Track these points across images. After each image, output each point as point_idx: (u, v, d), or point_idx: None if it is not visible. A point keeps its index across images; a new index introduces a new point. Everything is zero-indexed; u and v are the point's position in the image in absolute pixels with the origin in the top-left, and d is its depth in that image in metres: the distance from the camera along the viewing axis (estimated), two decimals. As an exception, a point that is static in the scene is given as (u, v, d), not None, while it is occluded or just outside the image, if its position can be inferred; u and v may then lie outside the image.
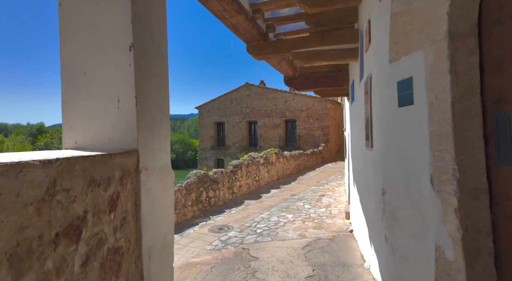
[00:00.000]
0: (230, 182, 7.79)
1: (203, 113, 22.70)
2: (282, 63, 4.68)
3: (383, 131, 1.84)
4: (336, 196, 7.94)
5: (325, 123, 18.35)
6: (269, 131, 20.10)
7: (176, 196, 5.89)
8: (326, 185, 9.61)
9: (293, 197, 8.02)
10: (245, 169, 8.64)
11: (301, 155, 13.61)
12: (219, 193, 7.27)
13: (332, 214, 6.10)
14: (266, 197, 8.10)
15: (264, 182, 9.80)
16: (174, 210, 1.95)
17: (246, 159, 9.07)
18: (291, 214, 6.30)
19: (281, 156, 11.33)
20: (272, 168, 10.46)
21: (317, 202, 7.25)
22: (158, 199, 1.71)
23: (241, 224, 5.71)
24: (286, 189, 9.11)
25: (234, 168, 8.22)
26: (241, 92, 21.11)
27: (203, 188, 6.75)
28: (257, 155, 9.80)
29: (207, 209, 6.80)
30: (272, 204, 7.30)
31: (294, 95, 19.23)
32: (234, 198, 7.87)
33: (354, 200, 4.69)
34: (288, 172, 12.02)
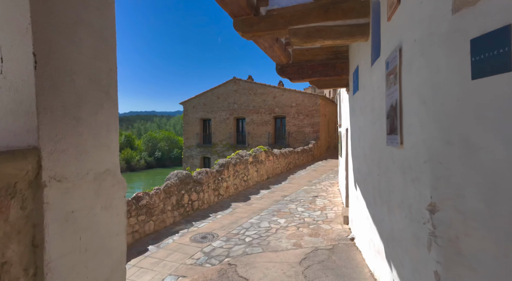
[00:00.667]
0: (215, 183, 7.14)
1: (188, 109, 21.81)
2: (274, 46, 4.07)
3: (436, 120, 1.27)
4: (330, 197, 7.44)
5: (315, 120, 17.93)
6: (258, 128, 19.51)
7: (153, 201, 5.20)
8: (318, 185, 9.12)
9: (285, 198, 7.47)
10: (233, 168, 8.01)
11: (291, 153, 13.10)
12: (203, 196, 6.61)
13: (328, 218, 5.58)
14: (256, 199, 7.51)
15: (253, 182, 9.21)
16: (125, 235, 1.29)
17: (233, 158, 8.43)
18: (283, 218, 5.73)
19: (271, 154, 10.76)
20: (261, 167, 9.87)
21: (311, 204, 6.72)
22: (90, 227, 1.07)
23: (228, 231, 5.09)
24: (277, 190, 8.55)
25: (221, 167, 7.57)
26: (228, 87, 20.37)
27: (185, 191, 6.08)
28: (245, 153, 9.18)
29: (189, 214, 6.14)
30: (262, 206, 6.71)
31: (284, 90, 18.69)
32: (220, 201, 7.23)
33: (356, 204, 4.17)
34: (278, 171, 11.48)
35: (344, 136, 6.22)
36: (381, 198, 2.43)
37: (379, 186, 2.48)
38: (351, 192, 4.77)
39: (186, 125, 21.80)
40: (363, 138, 3.42)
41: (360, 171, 3.67)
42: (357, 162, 3.96)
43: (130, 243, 4.65)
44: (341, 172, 7.23)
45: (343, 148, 6.26)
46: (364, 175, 3.41)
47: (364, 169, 3.40)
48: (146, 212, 5.07)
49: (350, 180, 4.79)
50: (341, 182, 6.99)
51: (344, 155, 6.31)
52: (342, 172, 6.61)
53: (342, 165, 6.69)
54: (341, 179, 6.96)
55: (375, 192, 2.64)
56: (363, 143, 3.36)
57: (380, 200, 2.46)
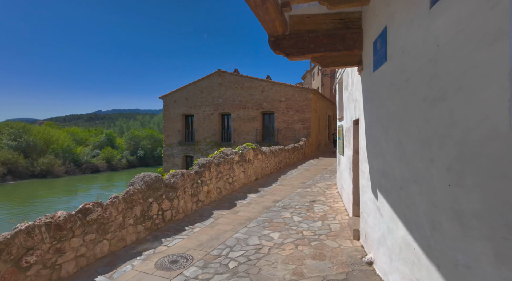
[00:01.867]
0: (194, 188, 6.00)
1: (168, 103, 20.37)
2: (267, 3, 2.97)
3: None
4: (330, 202, 6.46)
5: (306, 115, 17.02)
6: (245, 124, 18.40)
7: (108, 214, 4.01)
8: (314, 187, 8.14)
9: (277, 204, 6.43)
10: (215, 169, 6.88)
11: (282, 151, 12.10)
12: (178, 204, 5.46)
13: (333, 232, 4.58)
14: (242, 205, 6.43)
15: (240, 184, 8.12)
16: None
17: (216, 156, 7.30)
18: (277, 232, 4.68)
19: (259, 153, 9.70)
20: (249, 167, 8.79)
21: (309, 212, 5.71)
22: None
23: (206, 252, 3.98)
24: (267, 193, 7.50)
25: (201, 168, 6.43)
26: (212, 80, 19.10)
27: (153, 198, 4.91)
28: (230, 151, 8.07)
29: (159, 227, 4.98)
30: (251, 215, 5.64)
31: (272, 84, 17.64)
32: (199, 209, 6.10)
33: (377, 218, 3.17)
34: (268, 171, 10.44)
35: (349, 130, 5.24)
36: (470, 227, 1.40)
37: (461, 205, 1.45)
38: (365, 200, 3.78)
39: (167, 121, 20.38)
40: (397, 129, 2.40)
41: (389, 175, 2.66)
42: (381, 162, 2.95)
43: (71, 274, 3.46)
44: (343, 174, 6.26)
45: (349, 144, 5.27)
46: (398, 181, 2.40)
47: (398, 173, 2.38)
48: (98, 229, 3.88)
49: (364, 185, 3.80)
50: (344, 185, 6.02)
51: (349, 153, 5.33)
52: (346, 174, 5.63)
53: (346, 165, 5.71)
54: (344, 181, 5.99)
55: (446, 214, 1.62)
56: (400, 135, 2.33)
57: (468, 231, 1.43)
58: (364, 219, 3.83)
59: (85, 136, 55.82)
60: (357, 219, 4.63)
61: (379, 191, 3.08)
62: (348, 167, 5.48)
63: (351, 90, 4.96)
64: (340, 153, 6.90)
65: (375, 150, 3.21)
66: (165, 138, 20.37)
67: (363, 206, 3.92)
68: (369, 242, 3.58)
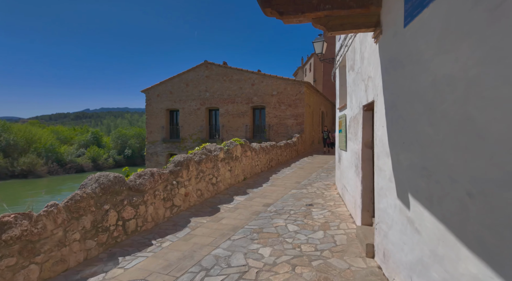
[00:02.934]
0: (168, 190, 5.01)
1: (151, 97, 19.17)
2: None
3: None
4: (330, 206, 5.58)
5: (299, 110, 16.15)
6: (234, 120, 17.41)
7: (39, 228, 3.00)
8: (310, 188, 7.26)
9: (268, 208, 5.50)
10: (195, 167, 5.90)
11: (274, 147, 11.19)
12: (145, 210, 4.47)
13: (338, 245, 3.68)
14: (227, 210, 5.48)
15: (225, 185, 7.16)
16: None
17: (197, 153, 6.32)
18: (268, 246, 3.75)
19: (248, 149, 8.75)
20: (236, 165, 7.84)
21: (306, 219, 4.81)
22: None
23: (174, 278, 3.02)
24: (257, 195, 6.57)
25: (177, 166, 5.44)
26: (199, 73, 18.01)
27: (111, 205, 3.91)
28: (214, 147, 7.10)
29: (119, 241, 3.98)
30: (236, 223, 4.70)
31: (263, 76, 16.69)
32: (174, 215, 5.12)
33: (409, 235, 2.27)
34: (258, 169, 9.51)
35: (356, 119, 4.35)
36: None
37: None
38: (384, 208, 2.88)
39: (150, 117, 19.19)
40: (464, 98, 1.50)
41: (437, 174, 1.76)
42: (419, 156, 2.05)
43: (-29, 320, 2.44)
44: (346, 172, 5.39)
45: (355, 136, 4.39)
46: (462, 184, 1.50)
47: (463, 171, 1.48)
48: (22, 250, 2.87)
49: (383, 186, 2.90)
50: (347, 186, 5.14)
51: (355, 147, 4.45)
52: (351, 173, 4.75)
53: (350, 162, 4.83)
54: (348, 182, 5.11)
55: None
56: (474, 108, 1.43)
57: None
58: (382, 232, 2.94)
59: (70, 135, 55.46)
60: (368, 229, 3.75)
61: (413, 197, 2.18)
62: (353, 164, 4.60)
63: (359, 69, 4.06)
64: (341, 148, 6.03)
65: (405, 139, 2.31)
66: (147, 135, 19.19)
67: (380, 214, 3.03)
68: (391, 264, 2.69)
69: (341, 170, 6.09)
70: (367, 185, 3.95)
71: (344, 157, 5.62)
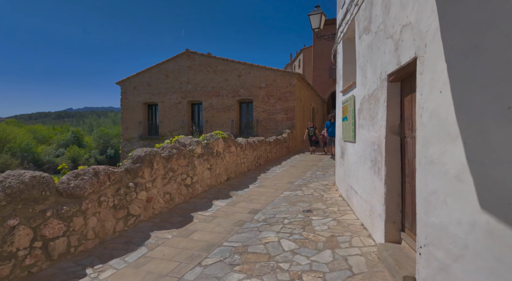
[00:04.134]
0: (121, 195, 3.80)
1: (127, 90, 17.67)
2: None
3: None
4: (333, 212, 4.50)
5: (290, 104, 15.11)
6: (218, 114, 16.18)
7: None
8: (306, 189, 6.18)
9: (255, 216, 4.38)
10: (163, 164, 4.71)
11: (262, 143, 10.08)
12: (83, 224, 3.25)
13: (356, 274, 2.58)
14: (202, 219, 4.31)
15: (204, 187, 5.98)
16: None
17: (166, 147, 5.12)
18: (254, 277, 2.62)
19: (233, 144, 7.60)
20: (218, 163, 6.67)
21: (306, 231, 3.70)
22: None
23: None
24: (242, 199, 5.43)
25: (136, 163, 4.23)
26: (180, 63, 16.67)
27: (23, 219, 2.69)
28: (190, 140, 5.91)
29: (34, 271, 2.76)
30: (212, 238, 3.54)
31: (251, 67, 15.54)
32: (130, 228, 3.91)
33: (495, 269, 1.18)
34: (244, 168, 8.37)
35: (374, 97, 3.28)
36: None
37: None
38: (444, 224, 1.80)
39: (125, 112, 17.69)
40: None
41: None
42: None
43: None
44: (355, 170, 4.31)
45: (372, 121, 3.31)
46: None
47: None
48: None
49: (441, 190, 1.82)
50: (356, 187, 4.06)
51: (372, 135, 3.38)
52: (365, 169, 3.67)
53: (364, 156, 3.75)
54: (357, 182, 4.03)
55: None
56: None
57: None
58: (436, 262, 1.87)
59: (49, 134, 55.38)
60: (399, 249, 2.68)
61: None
62: (368, 159, 3.52)
63: (382, 24, 2.97)
64: (346, 140, 4.96)
65: None
66: (123, 132, 17.70)
67: (431, 233, 1.94)
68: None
69: (346, 168, 5.03)
70: (393, 186, 2.88)
71: (351, 151, 4.55)
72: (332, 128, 10.97)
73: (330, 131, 11.19)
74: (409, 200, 2.70)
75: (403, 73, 2.57)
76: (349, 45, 5.13)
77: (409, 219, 2.70)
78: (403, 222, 2.87)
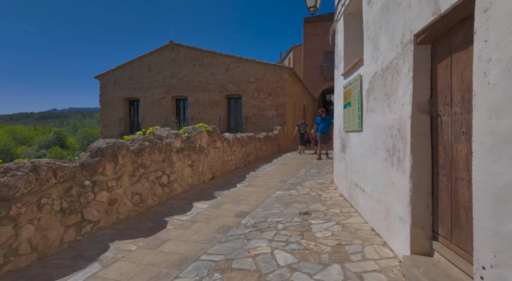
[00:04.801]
0: (73, 196, 3.03)
1: (107, 85, 16.64)
2: None
3: None
4: (335, 214, 3.85)
5: (281, 100, 14.46)
6: (205, 111, 15.40)
7: None
8: (300, 188, 5.52)
9: (243, 220, 3.67)
10: (131, 159, 3.95)
11: (252, 139, 9.38)
12: (13, 235, 2.47)
13: (379, 301, 1.92)
14: (178, 225, 3.58)
15: (184, 186, 5.24)
16: None
17: (137, 139, 4.36)
18: (240, 307, 1.91)
19: (218, 138, 6.87)
20: (201, 159, 5.94)
21: (305, 238, 3.02)
22: None
23: None
24: (227, 200, 4.71)
25: (95, 157, 3.46)
26: (163, 55, 15.79)
27: None
28: (167, 133, 5.15)
29: None
30: (187, 250, 2.82)
31: (239, 60, 14.83)
32: (85, 238, 3.14)
33: None
34: (231, 165, 7.65)
35: (392, 70, 2.63)
36: None
37: None
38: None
39: (105, 108, 16.67)
40: None
41: None
42: None
43: None
44: (360, 164, 3.67)
45: (387, 101, 2.66)
46: None
47: None
48: None
49: (506, 182, 1.16)
50: (364, 185, 3.41)
51: (389, 118, 2.73)
52: (377, 163, 3.02)
53: (375, 146, 3.10)
54: (366, 178, 3.38)
55: None
56: None
57: None
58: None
59: (30, 135, 54.24)
60: (431, 264, 2.03)
61: None
62: (382, 149, 2.88)
63: None
64: (348, 130, 4.32)
65: None
66: (102, 129, 16.66)
67: (508, 246, 1.28)
68: None
69: (348, 162, 4.39)
70: (421, 180, 2.23)
71: (356, 142, 3.91)
72: (323, 124, 9.84)
73: (322, 127, 9.91)
74: (445, 198, 2.06)
75: (440, 27, 1.92)
76: (351, 21, 4.49)
77: (445, 223, 2.06)
78: (434, 227, 2.23)
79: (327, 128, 9.85)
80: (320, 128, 10.01)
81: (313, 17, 5.93)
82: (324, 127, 9.85)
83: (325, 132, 9.86)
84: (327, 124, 9.85)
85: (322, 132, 9.96)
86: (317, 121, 10.21)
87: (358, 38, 4.47)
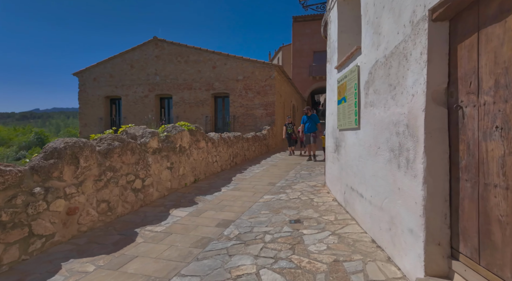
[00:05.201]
0: (18, 206, 2.53)
1: (86, 82, 15.85)
2: None
3: None
4: (329, 222, 3.46)
5: (269, 99, 14.08)
6: (191, 110, 14.84)
7: None
8: (290, 192, 5.13)
9: (225, 231, 3.23)
10: (96, 161, 3.44)
11: (239, 139, 8.94)
12: None
13: None
14: (150, 238, 3.10)
15: (162, 191, 4.75)
16: None
17: (105, 138, 3.85)
18: None
19: (202, 138, 6.40)
20: (182, 161, 5.46)
21: (296, 253, 2.61)
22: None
23: None
24: (210, 207, 4.26)
25: (49, 159, 2.95)
26: (146, 51, 15.15)
27: None
28: (142, 131, 4.66)
29: None
30: (157, 271, 2.36)
31: (227, 57, 14.36)
32: (34, 256, 2.63)
33: None
34: (216, 167, 7.19)
35: (399, 55, 2.25)
36: None
37: None
38: None
39: (84, 107, 15.88)
40: None
41: None
42: None
43: None
44: (358, 166, 3.29)
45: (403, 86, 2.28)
46: None
47: None
48: None
49: None
50: (362, 190, 3.03)
51: (400, 113, 2.35)
52: (379, 165, 2.64)
53: (375, 146, 2.72)
54: (365, 182, 3.00)
55: None
56: None
57: None
58: None
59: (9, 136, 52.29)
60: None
61: None
62: (385, 148, 2.50)
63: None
64: (345, 127, 3.94)
65: None
66: (81, 129, 15.87)
67: None
68: None
69: (343, 164, 4.01)
70: (438, 186, 1.86)
71: (353, 141, 3.53)
72: (309, 123, 9.37)
73: (308, 126, 9.42)
74: (469, 209, 1.68)
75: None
76: (346, 9, 4.12)
77: (469, 240, 1.68)
78: (453, 244, 1.85)
79: (314, 127, 9.44)
80: (307, 127, 9.53)
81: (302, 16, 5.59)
82: (310, 126, 9.43)
83: (312, 131, 9.45)
84: (313, 122, 9.46)
85: (309, 131, 9.48)
86: (303, 120, 9.73)
87: (353, 28, 4.12)
